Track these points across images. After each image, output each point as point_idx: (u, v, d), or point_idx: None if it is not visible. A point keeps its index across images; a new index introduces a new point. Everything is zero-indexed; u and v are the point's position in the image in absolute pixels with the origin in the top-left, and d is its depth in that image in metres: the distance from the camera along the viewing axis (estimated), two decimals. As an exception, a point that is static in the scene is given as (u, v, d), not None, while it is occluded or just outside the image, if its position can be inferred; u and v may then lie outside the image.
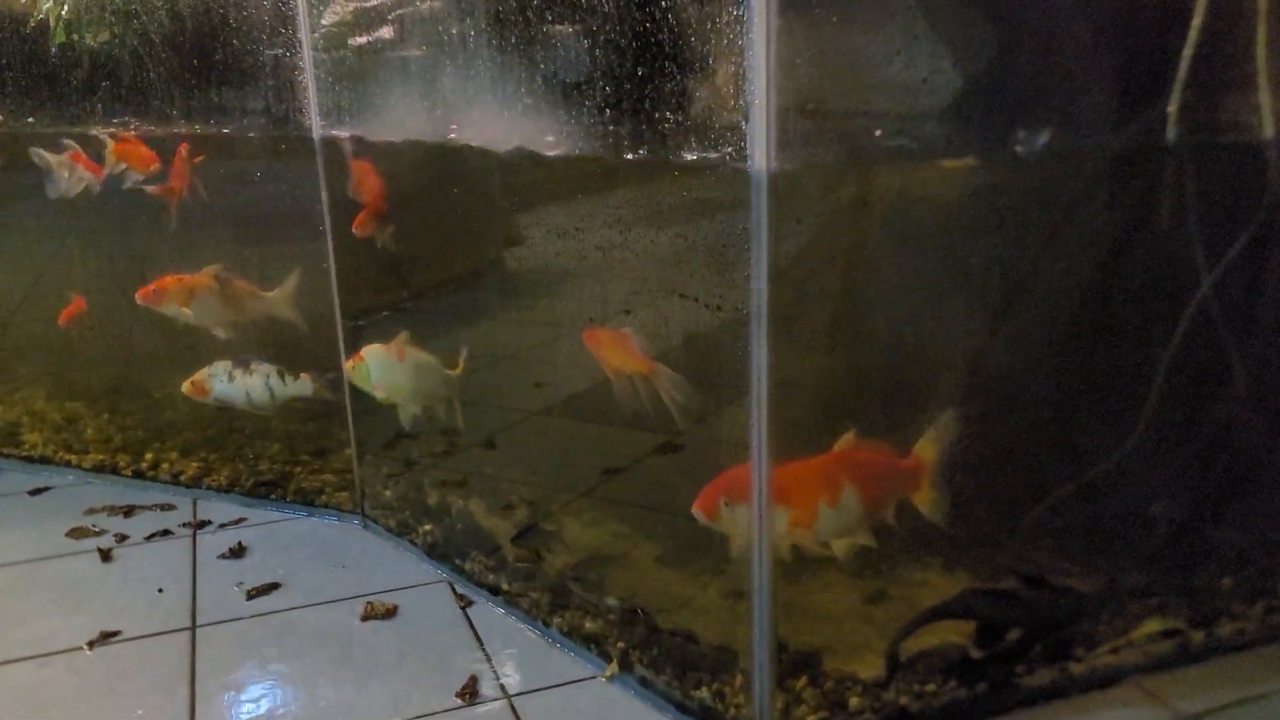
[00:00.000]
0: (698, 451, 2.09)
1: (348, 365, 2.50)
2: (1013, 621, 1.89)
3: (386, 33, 2.33)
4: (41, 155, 2.87)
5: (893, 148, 1.70)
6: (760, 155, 1.45)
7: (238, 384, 2.75)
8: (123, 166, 2.75)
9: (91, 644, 2.14)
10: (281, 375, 2.75)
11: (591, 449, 2.49)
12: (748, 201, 1.48)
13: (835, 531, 1.74)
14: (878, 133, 1.67)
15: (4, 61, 2.90)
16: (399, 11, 2.30)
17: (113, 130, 2.77)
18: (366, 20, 2.35)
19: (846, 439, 1.75)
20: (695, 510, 1.70)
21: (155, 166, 2.74)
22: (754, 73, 1.42)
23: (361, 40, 2.37)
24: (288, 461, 2.91)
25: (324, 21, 2.39)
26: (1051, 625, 1.91)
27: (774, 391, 1.55)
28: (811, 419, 1.83)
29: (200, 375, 2.78)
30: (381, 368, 2.42)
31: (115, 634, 2.17)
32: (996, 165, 1.90)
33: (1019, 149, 1.71)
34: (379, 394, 2.44)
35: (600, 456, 2.46)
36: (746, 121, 1.45)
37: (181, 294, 2.69)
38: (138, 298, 2.70)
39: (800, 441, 1.72)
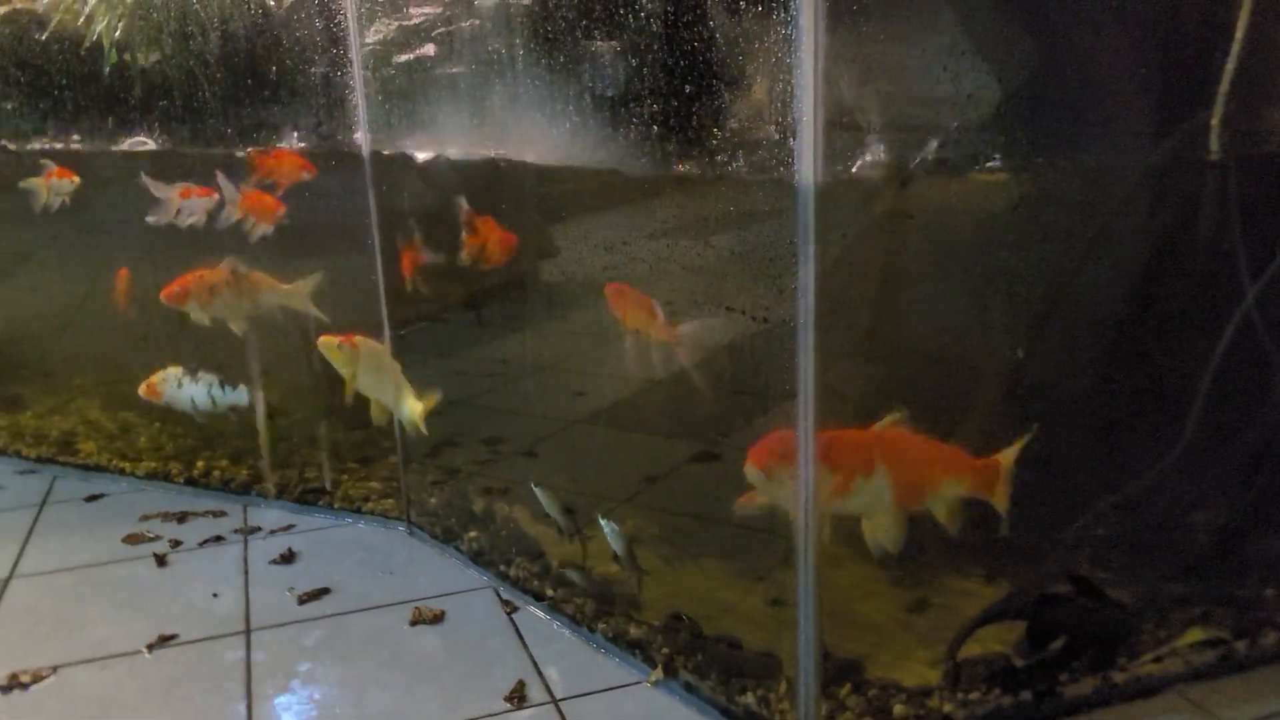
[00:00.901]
0: (737, 459, 2.11)
1: (333, 341, 2.42)
2: (1068, 628, 1.90)
3: (434, 51, 2.38)
4: (157, 186, 2.81)
5: (937, 160, 1.72)
6: (807, 169, 1.48)
7: (184, 390, 2.88)
8: (252, 221, 2.74)
9: (150, 647, 2.19)
10: (222, 384, 2.86)
11: (631, 456, 2.52)
12: (795, 214, 1.52)
13: (865, 507, 1.75)
14: (922, 146, 1.69)
15: (63, 81, 2.99)
16: (446, 29, 2.36)
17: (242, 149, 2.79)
18: (415, 39, 2.41)
19: (891, 419, 1.76)
20: (749, 466, 1.68)
21: (281, 211, 2.74)
22: (802, 89, 1.45)
23: (409, 58, 2.43)
24: (335, 469, 2.97)
25: (369, 40, 2.45)
26: (1106, 639, 1.92)
27: (820, 401, 1.58)
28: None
29: (155, 379, 2.91)
30: (369, 358, 2.46)
31: (173, 637, 2.23)
32: (1039, 177, 1.91)
33: (1061, 161, 1.73)
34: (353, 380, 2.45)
35: (640, 464, 2.49)
36: (794, 137, 1.48)
37: (203, 290, 2.74)
38: (162, 297, 2.77)
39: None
